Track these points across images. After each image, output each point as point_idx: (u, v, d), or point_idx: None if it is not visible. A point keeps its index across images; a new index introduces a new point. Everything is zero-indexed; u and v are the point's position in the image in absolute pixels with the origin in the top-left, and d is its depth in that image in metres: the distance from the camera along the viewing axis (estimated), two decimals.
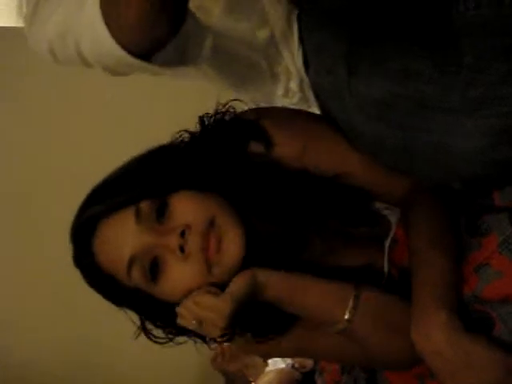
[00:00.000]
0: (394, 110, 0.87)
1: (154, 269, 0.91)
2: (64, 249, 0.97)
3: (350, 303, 0.93)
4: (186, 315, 0.92)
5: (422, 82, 0.84)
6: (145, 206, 0.91)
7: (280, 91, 1.08)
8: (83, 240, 0.95)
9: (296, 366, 1.72)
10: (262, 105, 1.10)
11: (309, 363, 1.68)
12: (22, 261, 2.43)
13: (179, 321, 0.93)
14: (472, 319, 0.89)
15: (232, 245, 0.90)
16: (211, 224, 0.90)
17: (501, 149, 0.84)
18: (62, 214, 0.94)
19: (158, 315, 0.98)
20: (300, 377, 1.66)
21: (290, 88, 1.07)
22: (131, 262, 0.91)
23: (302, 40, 0.99)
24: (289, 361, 1.75)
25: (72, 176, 2.28)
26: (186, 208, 0.91)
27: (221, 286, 0.92)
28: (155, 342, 0.99)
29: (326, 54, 0.94)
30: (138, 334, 0.99)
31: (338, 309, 0.93)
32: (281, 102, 1.09)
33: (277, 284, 0.93)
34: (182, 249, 0.89)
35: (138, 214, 0.91)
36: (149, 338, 0.99)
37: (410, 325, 0.88)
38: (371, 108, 0.88)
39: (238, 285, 0.91)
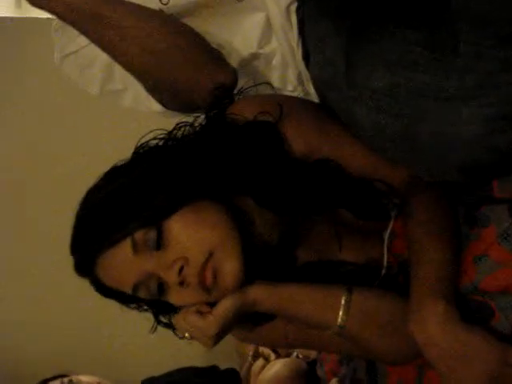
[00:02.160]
0: (392, 100, 0.87)
1: (161, 290, 0.93)
2: (62, 244, 0.97)
3: (341, 309, 0.93)
4: (179, 329, 0.96)
5: (418, 71, 0.84)
6: (139, 236, 0.90)
7: (276, 82, 1.09)
8: (85, 268, 0.95)
9: (300, 356, 1.73)
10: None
11: (312, 353, 1.68)
12: (22, 258, 2.45)
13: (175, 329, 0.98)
14: (471, 310, 0.89)
15: (229, 278, 0.91)
16: (210, 256, 0.90)
17: (498, 136, 0.84)
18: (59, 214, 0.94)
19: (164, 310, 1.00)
20: (306, 366, 1.67)
21: (287, 77, 1.08)
22: (135, 287, 0.93)
23: (301, 33, 1.00)
24: (295, 352, 1.76)
25: (72, 173, 2.30)
26: (183, 237, 0.90)
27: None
28: (177, 335, 1.00)
29: (327, 46, 0.94)
30: (155, 329, 1.01)
31: (330, 316, 0.93)
32: (280, 92, 1.10)
33: (266, 301, 0.94)
34: (181, 283, 0.91)
35: (134, 245, 0.90)
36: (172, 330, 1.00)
37: (407, 315, 0.88)
38: (370, 99, 0.89)
39: (225, 307, 0.92)
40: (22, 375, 2.14)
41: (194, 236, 0.90)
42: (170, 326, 0.99)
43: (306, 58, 1.01)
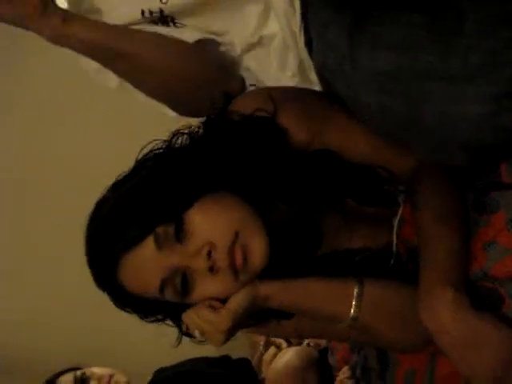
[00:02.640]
0: (396, 82, 0.86)
1: (185, 285, 0.92)
2: (67, 243, 0.96)
3: (354, 301, 0.93)
4: (190, 325, 0.95)
5: (422, 51, 0.83)
6: (162, 230, 0.90)
7: (275, 65, 1.09)
8: (105, 273, 0.94)
9: (311, 344, 1.73)
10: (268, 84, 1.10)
11: (323, 341, 1.68)
12: (26, 258, 2.47)
13: (184, 328, 0.97)
14: (481, 296, 0.89)
15: (258, 254, 0.91)
16: (236, 236, 0.90)
17: (504, 115, 0.83)
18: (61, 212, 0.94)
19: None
20: (317, 355, 1.68)
21: (287, 62, 1.08)
22: (163, 285, 0.91)
23: (304, 19, 0.98)
24: (306, 340, 1.77)
25: (78, 172, 2.31)
26: (206, 224, 0.90)
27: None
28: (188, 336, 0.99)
29: (331, 31, 0.93)
30: (180, 341, 1.00)
31: (343, 308, 0.93)
32: (279, 77, 1.11)
33: (278, 295, 0.94)
34: (210, 269, 0.90)
35: (157, 241, 0.89)
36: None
37: (417, 304, 0.88)
38: (375, 81, 0.88)
39: (237, 302, 0.92)
40: (36, 368, 2.16)
41: (216, 220, 0.90)
42: (191, 335, 0.98)
43: (309, 44, 1.00)
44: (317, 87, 1.05)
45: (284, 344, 1.87)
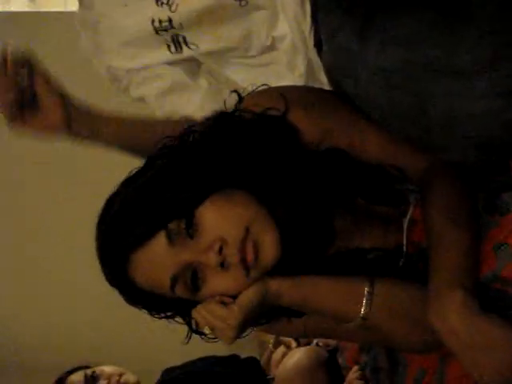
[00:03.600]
0: (405, 78, 0.86)
1: (196, 281, 0.92)
2: (73, 238, 0.97)
3: (364, 300, 0.93)
4: (200, 321, 0.95)
5: (429, 45, 0.83)
6: (174, 226, 0.90)
7: (284, 66, 1.10)
8: (117, 269, 0.94)
9: (320, 344, 1.73)
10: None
11: (332, 341, 1.68)
12: (34, 255, 2.48)
13: (194, 325, 0.97)
14: (491, 298, 0.88)
15: (269, 249, 0.91)
16: (247, 232, 0.90)
17: None
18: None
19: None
20: (326, 355, 1.67)
21: (296, 63, 1.09)
22: (173, 281, 0.92)
23: (314, 21, 0.98)
24: (315, 340, 1.76)
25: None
26: (218, 220, 0.90)
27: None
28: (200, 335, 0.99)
29: (342, 34, 0.93)
30: (189, 338, 1.00)
31: (353, 307, 0.93)
32: (287, 76, 1.12)
33: (289, 292, 0.94)
34: (221, 264, 0.90)
35: (168, 236, 0.90)
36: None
37: (426, 306, 0.87)
38: (384, 78, 0.88)
39: (247, 297, 0.92)
40: (46, 366, 2.16)
41: (228, 216, 0.91)
42: (200, 332, 0.98)
43: (319, 45, 1.00)
44: (326, 88, 1.05)
45: (293, 343, 1.87)
